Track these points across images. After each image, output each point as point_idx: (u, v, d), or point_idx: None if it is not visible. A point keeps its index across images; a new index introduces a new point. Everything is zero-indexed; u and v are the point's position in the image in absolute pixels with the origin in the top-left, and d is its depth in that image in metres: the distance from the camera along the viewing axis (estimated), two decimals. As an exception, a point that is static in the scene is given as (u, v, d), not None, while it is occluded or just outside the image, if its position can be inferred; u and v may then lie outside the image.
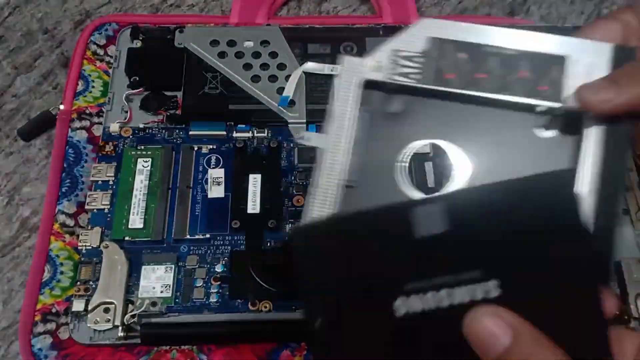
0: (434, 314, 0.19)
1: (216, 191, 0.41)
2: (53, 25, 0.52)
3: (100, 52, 0.48)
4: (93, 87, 0.46)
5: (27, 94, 0.49)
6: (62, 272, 0.40)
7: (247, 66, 0.46)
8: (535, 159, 0.25)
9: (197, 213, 0.40)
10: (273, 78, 0.46)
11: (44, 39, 0.51)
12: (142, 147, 0.42)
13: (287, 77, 0.45)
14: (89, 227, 0.39)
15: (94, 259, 0.38)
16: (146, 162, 0.41)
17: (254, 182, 0.41)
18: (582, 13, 0.55)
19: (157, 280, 0.37)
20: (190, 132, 0.43)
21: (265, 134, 0.43)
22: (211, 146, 0.43)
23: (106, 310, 0.36)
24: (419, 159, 0.42)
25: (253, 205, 0.40)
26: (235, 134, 0.43)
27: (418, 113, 0.24)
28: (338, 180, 0.21)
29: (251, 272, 0.38)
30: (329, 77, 0.46)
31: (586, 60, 0.23)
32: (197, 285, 0.38)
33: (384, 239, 0.18)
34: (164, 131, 0.43)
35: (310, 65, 0.46)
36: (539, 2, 0.55)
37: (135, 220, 0.39)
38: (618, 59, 0.23)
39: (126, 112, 0.44)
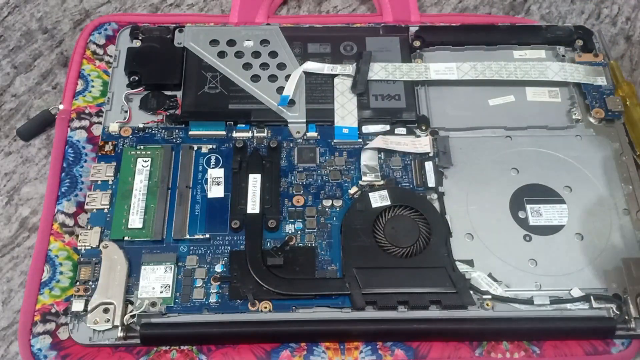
0: None
1: (216, 191, 0.41)
2: (52, 24, 0.52)
3: (100, 51, 0.48)
4: (92, 86, 0.46)
5: (26, 93, 0.49)
6: (61, 272, 0.40)
7: (247, 66, 0.46)
8: None
9: (196, 213, 0.40)
10: (273, 78, 0.45)
11: (43, 39, 0.51)
12: (142, 147, 0.42)
13: (287, 77, 0.45)
14: (89, 227, 0.39)
15: (94, 259, 0.38)
16: (146, 162, 0.41)
17: (254, 182, 0.41)
18: (582, 12, 0.55)
19: (156, 281, 0.37)
20: (190, 132, 0.43)
21: (265, 134, 0.43)
22: (211, 146, 0.43)
23: (106, 311, 0.36)
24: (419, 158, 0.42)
25: (253, 205, 0.40)
26: (235, 134, 0.43)
27: None
28: None
29: (251, 272, 0.38)
30: (329, 77, 0.46)
31: None
32: (197, 285, 0.38)
33: None
34: (163, 131, 0.43)
35: (310, 65, 0.45)
36: (539, 2, 0.55)
37: (135, 220, 0.39)
38: None
39: (126, 111, 0.44)
